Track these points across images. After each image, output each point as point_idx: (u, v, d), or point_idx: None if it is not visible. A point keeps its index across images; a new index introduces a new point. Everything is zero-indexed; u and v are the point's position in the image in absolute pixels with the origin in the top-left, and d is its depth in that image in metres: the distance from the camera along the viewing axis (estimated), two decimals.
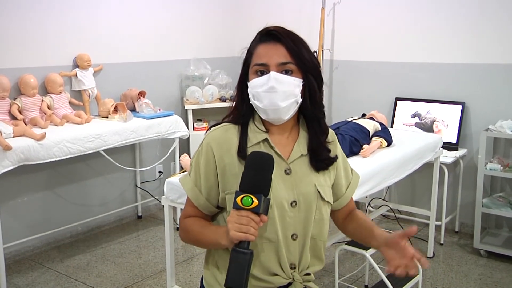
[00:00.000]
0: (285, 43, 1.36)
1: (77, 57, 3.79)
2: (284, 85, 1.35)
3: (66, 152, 3.22)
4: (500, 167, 3.53)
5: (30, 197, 3.66)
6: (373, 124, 3.13)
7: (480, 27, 3.78)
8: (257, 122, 1.43)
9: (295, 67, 1.37)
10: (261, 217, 1.25)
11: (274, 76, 1.35)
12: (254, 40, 1.42)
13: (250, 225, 1.24)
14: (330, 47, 4.50)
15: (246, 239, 1.24)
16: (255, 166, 1.27)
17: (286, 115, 1.39)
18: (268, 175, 1.27)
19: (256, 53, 1.39)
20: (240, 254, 1.24)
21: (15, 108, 3.33)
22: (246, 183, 1.26)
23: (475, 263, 3.55)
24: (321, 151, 1.45)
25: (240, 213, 1.25)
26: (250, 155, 1.30)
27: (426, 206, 3.86)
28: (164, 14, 4.44)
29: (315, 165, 1.44)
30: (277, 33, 1.37)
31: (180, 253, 3.68)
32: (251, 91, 1.39)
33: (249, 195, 1.24)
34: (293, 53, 1.36)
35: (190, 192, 1.45)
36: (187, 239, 1.49)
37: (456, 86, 3.93)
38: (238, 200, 1.25)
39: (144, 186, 4.43)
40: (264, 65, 1.37)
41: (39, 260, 3.60)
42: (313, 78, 1.40)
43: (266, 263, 1.39)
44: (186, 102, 4.46)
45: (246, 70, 1.43)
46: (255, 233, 1.25)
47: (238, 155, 1.39)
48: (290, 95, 1.36)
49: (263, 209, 1.25)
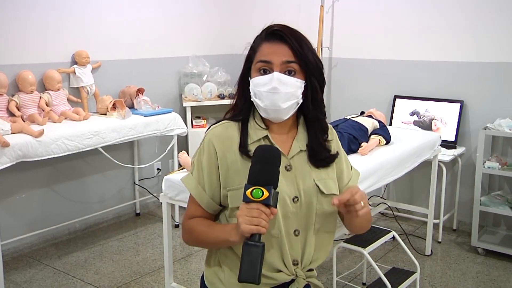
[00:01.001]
0: (290, 43, 1.36)
1: (75, 54, 3.78)
2: (287, 86, 1.36)
3: (64, 149, 3.21)
4: (498, 166, 3.53)
5: (28, 194, 3.66)
6: (372, 122, 3.13)
7: (479, 26, 3.78)
8: (257, 119, 1.43)
9: (298, 68, 1.37)
10: (271, 210, 1.25)
11: (277, 76, 1.35)
12: (259, 37, 1.41)
13: (261, 217, 1.23)
14: (329, 44, 4.50)
15: (258, 232, 1.23)
16: (263, 160, 1.27)
17: (286, 115, 1.39)
18: (276, 168, 1.27)
19: (260, 50, 1.39)
20: (252, 247, 1.23)
21: (13, 104, 3.32)
22: (255, 176, 1.26)
23: (473, 261, 3.56)
24: (321, 150, 1.45)
25: (250, 205, 1.24)
26: (258, 149, 1.30)
27: (424, 204, 3.87)
28: (163, 11, 4.43)
29: (315, 162, 1.44)
30: (282, 33, 1.37)
31: (178, 250, 3.68)
32: (253, 89, 1.39)
33: (259, 187, 1.24)
34: (297, 53, 1.36)
35: (194, 190, 1.44)
36: (191, 240, 1.48)
37: (455, 84, 3.93)
38: (248, 193, 1.24)
39: (142, 183, 4.42)
40: (267, 63, 1.37)
41: (37, 257, 3.59)
42: (315, 79, 1.40)
43: (269, 259, 1.39)
44: (185, 99, 4.45)
45: (248, 66, 1.42)
46: (266, 226, 1.24)
47: (240, 151, 1.39)
48: (291, 96, 1.37)
49: (273, 201, 1.25)
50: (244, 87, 1.43)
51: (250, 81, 1.41)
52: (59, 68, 3.68)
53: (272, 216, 1.25)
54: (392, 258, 3.58)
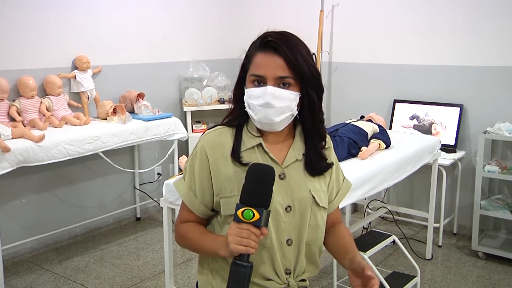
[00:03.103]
0: (283, 55, 1.32)
1: (76, 59, 3.79)
2: (281, 100, 1.33)
3: (64, 153, 3.22)
4: (498, 169, 3.53)
5: (29, 198, 3.66)
6: (372, 126, 3.13)
7: (479, 30, 3.79)
8: (251, 127, 1.42)
9: (293, 81, 1.34)
10: (262, 230, 1.25)
11: (270, 91, 1.33)
12: (254, 45, 1.39)
13: (251, 238, 1.23)
14: (328, 49, 4.51)
15: (247, 252, 1.24)
16: (256, 179, 1.26)
17: (280, 127, 1.38)
18: (269, 188, 1.26)
19: (254, 62, 1.36)
20: (240, 267, 1.24)
21: (13, 109, 3.33)
22: (247, 195, 1.25)
23: (473, 265, 3.55)
24: (318, 159, 1.44)
25: (240, 226, 1.24)
26: (251, 167, 1.28)
27: (424, 208, 3.87)
28: (163, 16, 4.45)
29: (311, 170, 1.43)
30: (276, 45, 1.33)
31: (179, 255, 3.68)
32: (247, 100, 1.38)
33: (250, 208, 1.23)
34: (291, 66, 1.33)
35: (185, 196, 1.44)
36: (183, 244, 1.48)
37: (455, 89, 3.94)
38: (239, 213, 1.24)
39: (142, 188, 4.43)
40: (261, 77, 1.35)
41: (37, 262, 3.59)
42: (312, 90, 1.37)
43: (260, 268, 1.38)
44: (185, 104, 4.46)
45: (244, 75, 1.41)
46: (256, 246, 1.24)
47: (232, 157, 1.38)
48: (286, 110, 1.35)
49: (264, 222, 1.24)
50: (240, 94, 1.42)
51: (244, 91, 1.39)
52: (60, 73, 3.68)
53: (262, 236, 1.25)
54: (393, 262, 3.58)
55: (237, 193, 1.33)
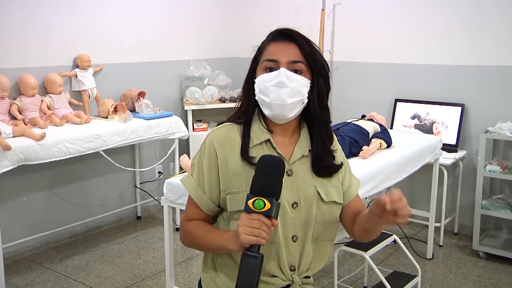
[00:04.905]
0: (298, 42, 1.37)
1: (77, 57, 3.79)
2: (293, 82, 1.36)
3: (65, 152, 3.22)
4: (500, 169, 3.53)
5: (30, 197, 3.66)
6: (373, 125, 3.13)
7: (480, 29, 3.78)
8: (260, 123, 1.43)
9: (305, 68, 1.38)
10: (272, 221, 1.24)
11: (284, 72, 1.35)
12: (266, 39, 1.43)
13: (262, 228, 1.22)
14: (330, 48, 4.50)
15: (258, 243, 1.22)
16: (266, 170, 1.25)
17: (290, 113, 1.38)
18: (279, 179, 1.25)
19: (267, 50, 1.40)
20: (251, 258, 1.22)
21: (14, 108, 3.33)
22: (258, 186, 1.24)
23: (474, 265, 3.55)
24: (326, 156, 1.44)
25: (251, 216, 1.23)
26: (262, 159, 1.28)
27: (425, 207, 3.86)
28: (164, 15, 4.45)
29: (318, 170, 1.43)
30: (291, 33, 1.38)
31: (179, 253, 3.68)
32: (258, 86, 1.38)
33: (261, 198, 1.22)
34: (305, 53, 1.37)
35: (193, 192, 1.43)
36: (188, 242, 1.47)
37: (456, 88, 3.93)
38: (249, 203, 1.23)
39: (143, 186, 4.43)
40: (274, 61, 1.37)
41: (38, 260, 3.59)
42: (322, 80, 1.41)
43: (265, 264, 1.37)
44: (186, 102, 4.46)
45: (254, 67, 1.42)
46: (266, 237, 1.23)
47: (241, 155, 1.38)
48: (297, 93, 1.36)
49: (274, 213, 1.23)
50: (249, 90, 1.43)
51: (255, 80, 1.40)
52: (61, 72, 3.68)
53: (273, 227, 1.24)
54: (393, 262, 3.57)
55: (244, 188, 1.33)
